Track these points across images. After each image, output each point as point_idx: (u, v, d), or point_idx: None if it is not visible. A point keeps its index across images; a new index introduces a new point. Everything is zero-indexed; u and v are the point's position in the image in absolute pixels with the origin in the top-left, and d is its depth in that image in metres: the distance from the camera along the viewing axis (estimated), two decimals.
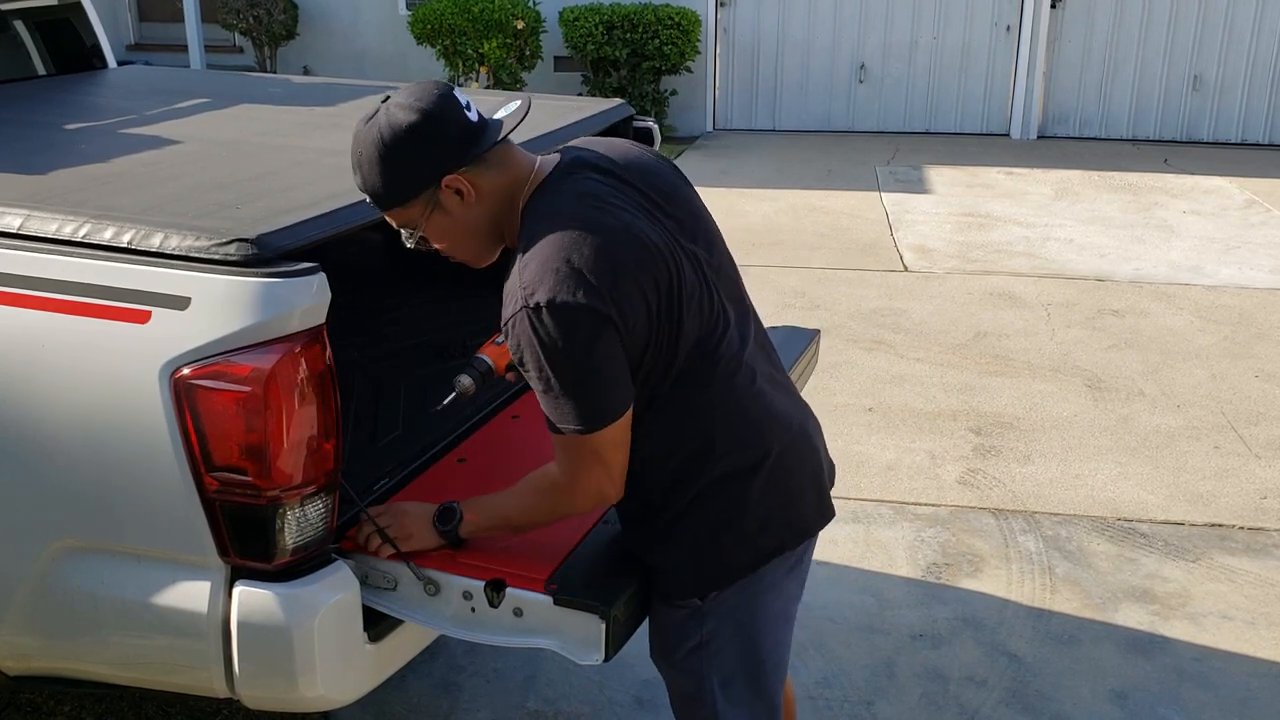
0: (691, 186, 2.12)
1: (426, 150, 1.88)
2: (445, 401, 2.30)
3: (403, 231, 2.00)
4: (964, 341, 5.85)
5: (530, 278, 1.83)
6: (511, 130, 1.95)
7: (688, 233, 2.01)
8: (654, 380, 1.95)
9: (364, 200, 2.02)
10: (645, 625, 2.21)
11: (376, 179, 1.92)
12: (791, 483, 2.09)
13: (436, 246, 2.01)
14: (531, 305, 1.81)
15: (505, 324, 1.87)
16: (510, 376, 2.32)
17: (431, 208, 1.93)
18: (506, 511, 2.10)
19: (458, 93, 1.92)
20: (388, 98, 1.94)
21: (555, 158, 2.02)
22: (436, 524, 2.14)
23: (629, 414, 1.92)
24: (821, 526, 2.16)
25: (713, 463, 2.02)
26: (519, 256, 1.88)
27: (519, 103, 2.02)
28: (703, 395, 1.99)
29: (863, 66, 11.13)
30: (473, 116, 1.92)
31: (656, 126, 3.44)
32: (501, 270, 1.97)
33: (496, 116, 1.98)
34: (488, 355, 2.32)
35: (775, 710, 2.21)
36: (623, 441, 1.94)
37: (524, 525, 2.12)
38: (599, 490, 1.97)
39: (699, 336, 1.96)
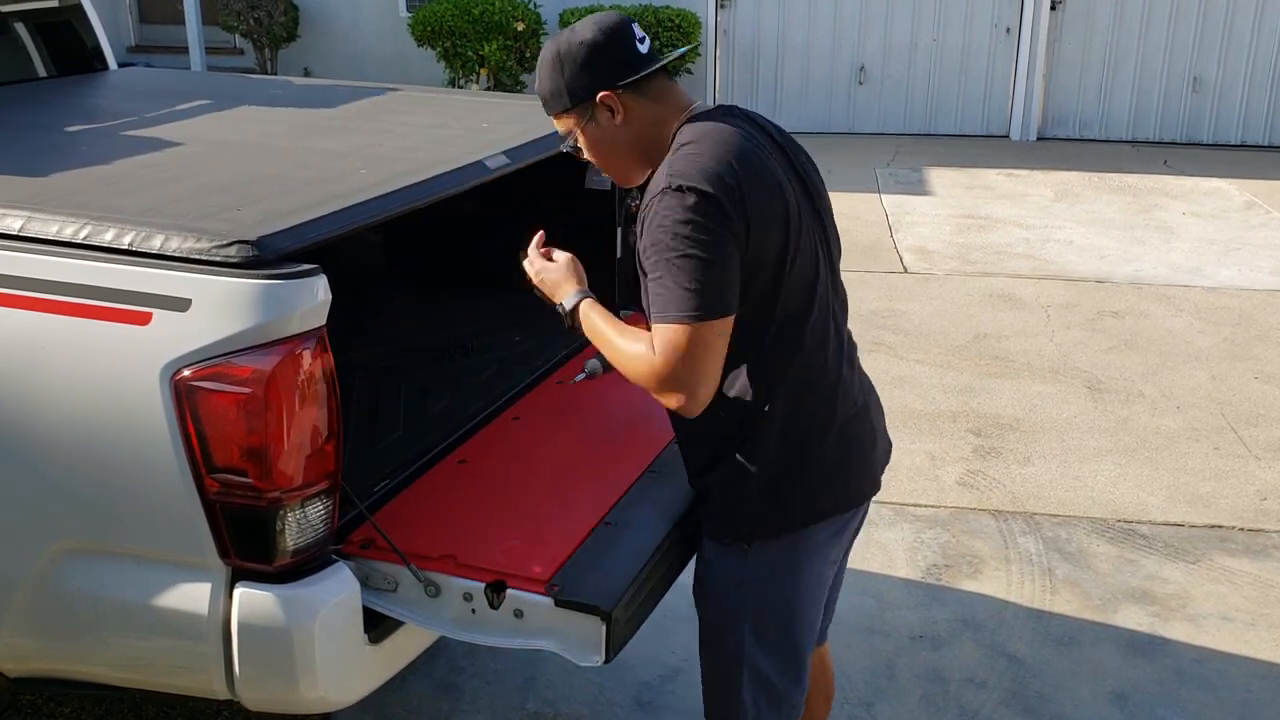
0: (819, 172, 2.25)
1: (588, 66, 2.07)
2: (577, 378, 2.70)
3: (563, 136, 2.18)
4: (964, 343, 5.86)
5: (679, 168, 1.97)
6: (668, 61, 2.14)
7: (813, 207, 2.15)
8: (758, 315, 2.03)
9: (364, 200, 2.03)
10: (644, 625, 2.22)
11: (546, 84, 2.13)
12: (853, 452, 2.22)
13: (588, 157, 2.17)
14: (674, 186, 1.94)
15: (644, 207, 1.99)
16: None
17: (587, 119, 2.11)
18: (612, 339, 2.09)
19: (635, 28, 2.11)
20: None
21: (710, 105, 2.18)
22: (566, 297, 2.20)
23: (728, 325, 1.97)
24: (871, 496, 2.29)
25: (793, 417, 2.12)
26: (668, 158, 2.03)
27: (685, 48, 2.39)
28: (796, 354, 2.10)
29: (862, 68, 11.13)
30: (642, 49, 2.10)
31: None
32: (502, 273, 1.99)
33: (669, 58, 2.19)
34: None
35: (801, 663, 2.30)
36: (718, 351, 1.97)
37: (614, 361, 2.10)
38: (684, 390, 1.96)
39: (804, 296, 2.09)
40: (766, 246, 2.00)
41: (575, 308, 2.18)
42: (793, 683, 2.29)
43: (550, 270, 2.27)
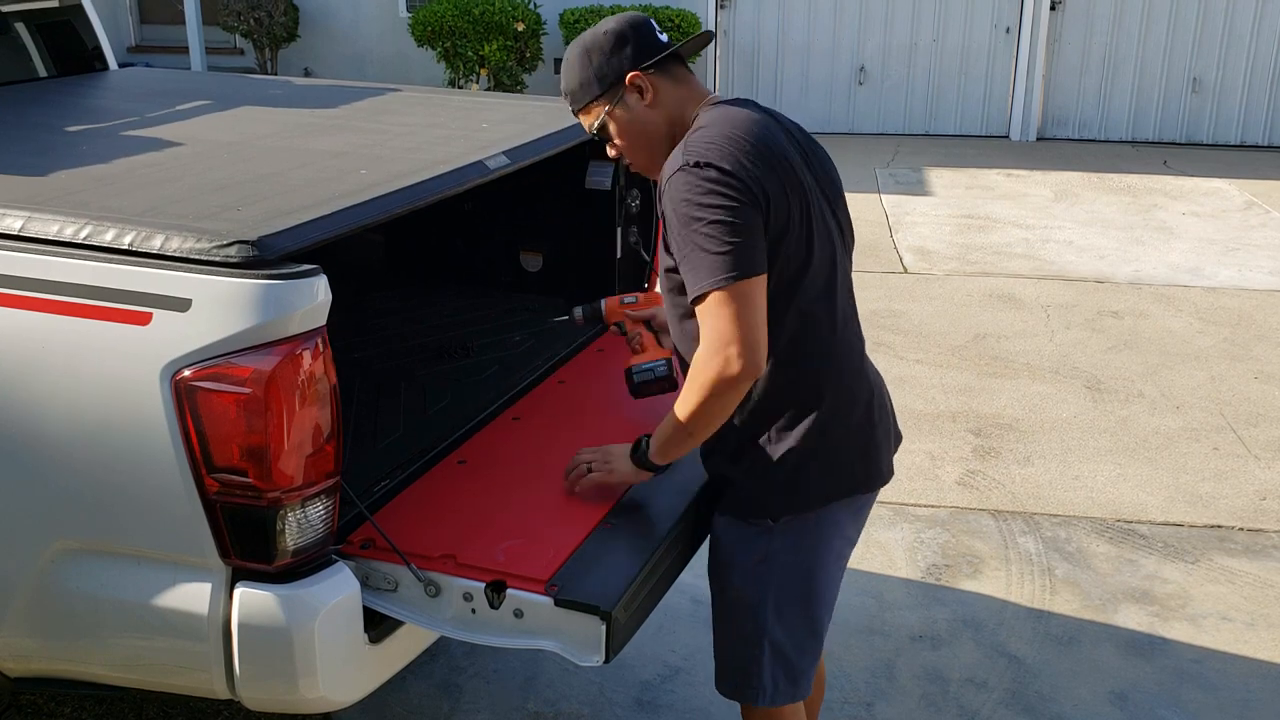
0: (835, 168, 2.31)
1: (617, 52, 2.18)
2: (555, 319, 2.72)
3: (592, 128, 2.25)
4: (963, 343, 5.86)
5: (694, 145, 2.05)
6: (685, 44, 2.25)
7: (829, 198, 2.23)
8: (783, 294, 2.09)
9: (365, 200, 2.03)
10: (644, 625, 2.22)
11: (575, 76, 2.22)
12: (874, 433, 2.29)
13: (617, 143, 2.24)
14: (691, 163, 2.02)
15: (662, 188, 2.06)
16: (613, 329, 2.65)
17: (616, 102, 2.19)
18: (677, 418, 2.11)
19: (654, 25, 2.23)
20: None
21: (725, 97, 2.26)
22: (632, 458, 2.26)
23: (764, 285, 2.02)
24: (887, 480, 2.34)
25: (821, 396, 2.18)
26: (683, 140, 2.10)
27: (705, 32, 2.41)
28: (822, 334, 2.18)
29: (862, 68, 11.13)
30: (663, 39, 2.22)
31: None
32: (502, 273, 2.00)
33: (688, 40, 2.29)
34: (606, 302, 2.70)
35: (819, 640, 2.34)
36: (763, 308, 2.01)
37: (696, 424, 2.09)
38: (747, 351, 1.97)
39: (826, 276, 2.16)
40: (786, 223, 2.06)
41: (645, 450, 2.23)
42: (810, 660, 2.33)
43: (599, 463, 2.33)
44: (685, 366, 2.21)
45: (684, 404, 2.08)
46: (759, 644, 2.27)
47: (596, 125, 2.23)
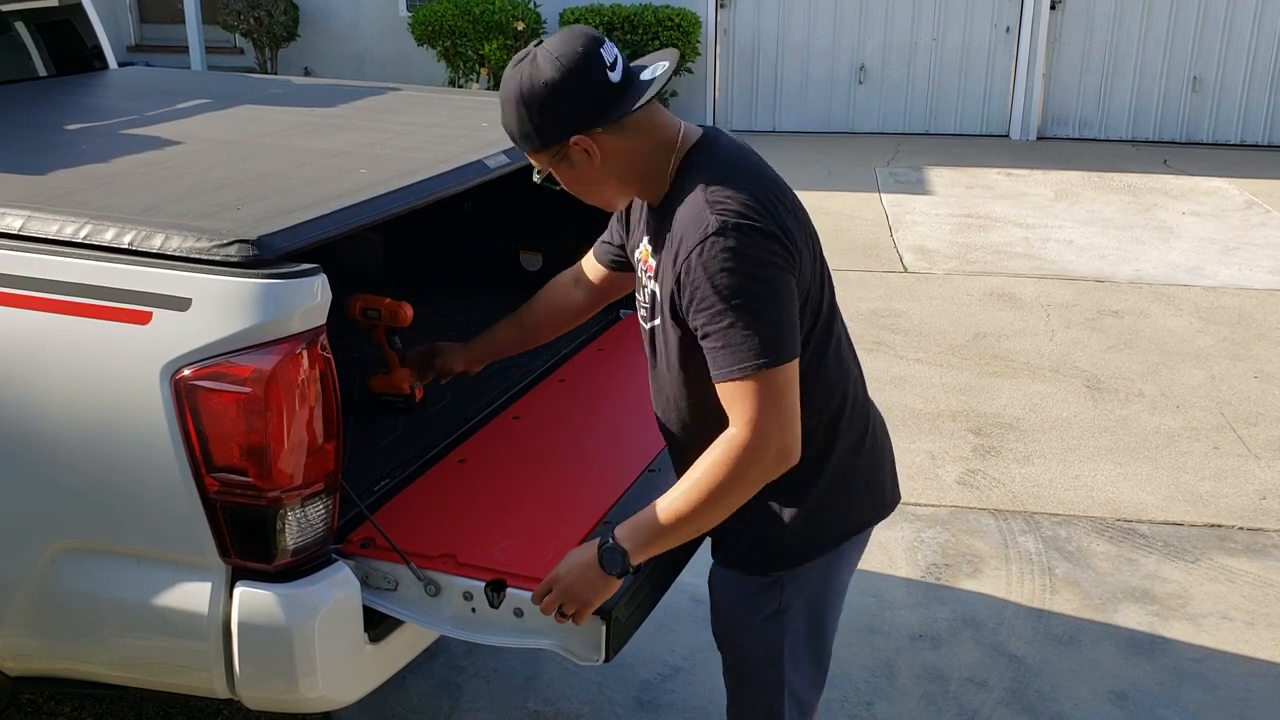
0: None
1: (558, 109, 1.88)
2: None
3: (537, 176, 2.02)
4: (964, 342, 5.86)
5: (722, 205, 1.85)
6: (649, 98, 1.91)
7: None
8: (807, 335, 1.97)
9: (364, 200, 2.02)
10: (645, 625, 2.21)
11: (512, 122, 1.95)
12: (882, 459, 2.20)
13: (565, 189, 2.03)
14: (727, 226, 1.82)
15: (689, 254, 1.85)
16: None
17: (559, 159, 1.95)
18: (683, 509, 1.89)
19: (605, 49, 1.89)
20: (540, 41, 1.93)
21: (695, 127, 2.03)
22: (605, 569, 1.94)
23: (798, 365, 1.88)
24: (893, 508, 2.23)
25: (836, 434, 2.07)
26: (692, 195, 1.89)
27: (666, 63, 1.98)
28: (832, 369, 2.05)
29: (862, 68, 11.13)
30: (615, 77, 1.89)
31: None
32: (502, 272, 1.98)
33: (644, 76, 1.95)
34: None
35: (825, 671, 2.27)
36: (797, 389, 1.87)
37: (711, 513, 1.90)
38: (785, 441, 1.85)
39: (830, 309, 2.04)
40: (811, 273, 1.96)
41: (619, 549, 1.92)
42: (817, 692, 2.27)
43: (564, 582, 1.97)
44: (664, 429, 2.13)
45: (701, 490, 1.87)
46: (780, 695, 2.19)
47: (542, 176, 2.01)
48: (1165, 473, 4.53)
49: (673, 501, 1.91)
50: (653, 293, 2.01)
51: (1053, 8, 10.68)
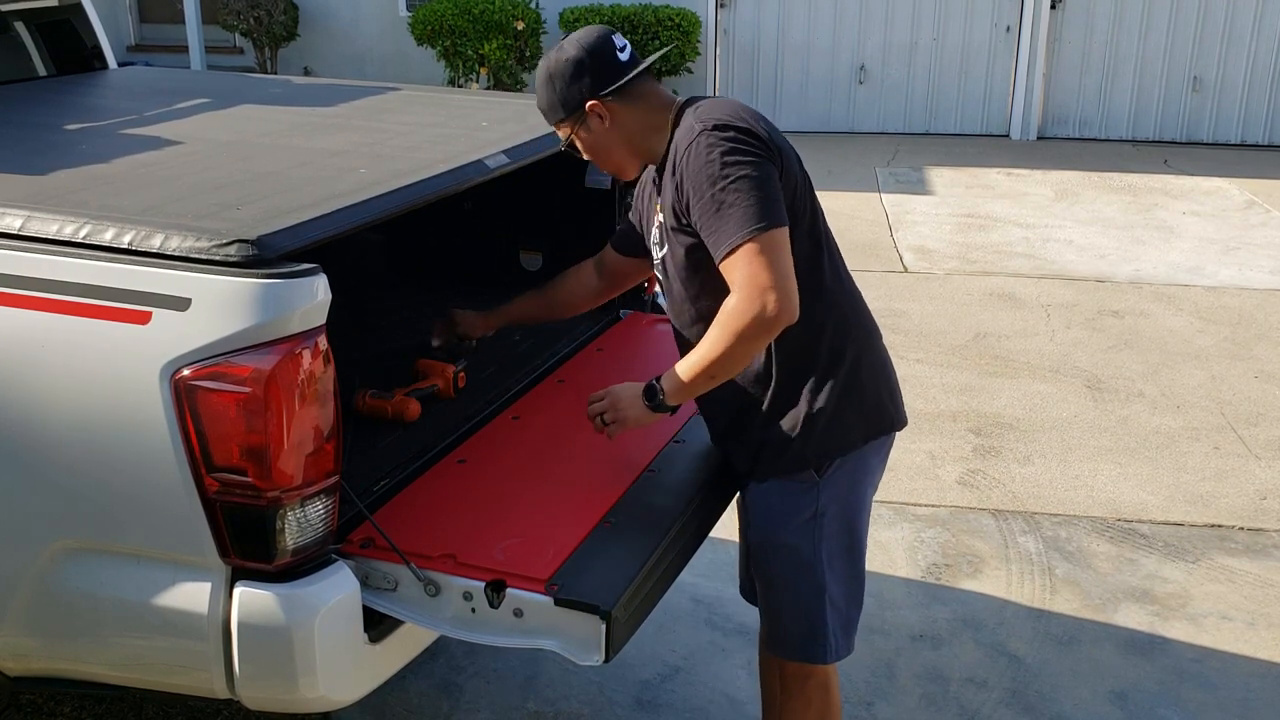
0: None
1: (576, 79, 2.30)
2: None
3: (563, 144, 2.41)
4: (964, 342, 5.86)
5: (707, 113, 2.20)
6: (646, 64, 2.34)
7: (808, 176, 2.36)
8: (803, 235, 2.24)
9: (364, 200, 2.04)
10: (644, 625, 2.21)
11: (543, 99, 2.37)
12: (889, 370, 2.47)
13: (586, 157, 2.40)
14: (710, 126, 2.16)
15: (684, 157, 2.18)
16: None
17: (579, 125, 2.33)
18: (704, 360, 2.19)
19: (616, 39, 2.33)
20: (568, 36, 2.38)
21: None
22: (645, 401, 2.30)
23: (789, 236, 2.14)
24: (905, 423, 2.48)
25: (848, 333, 2.36)
26: (685, 123, 2.23)
27: (663, 51, 2.64)
28: (832, 282, 2.35)
29: (863, 67, 11.13)
30: (623, 57, 2.32)
31: None
32: (502, 271, 2.00)
33: (646, 62, 2.38)
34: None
35: (862, 587, 2.48)
36: (790, 255, 2.13)
37: (723, 367, 2.19)
38: (780, 296, 2.08)
39: (824, 232, 2.34)
40: (791, 180, 2.22)
41: (658, 392, 2.28)
42: (858, 609, 2.45)
43: (615, 396, 2.36)
44: (688, 348, 2.30)
45: (713, 347, 2.16)
46: (820, 601, 2.38)
47: (565, 143, 2.41)
48: (1165, 473, 4.53)
49: (692, 357, 2.22)
50: (660, 222, 2.34)
51: (1053, 8, 10.68)
